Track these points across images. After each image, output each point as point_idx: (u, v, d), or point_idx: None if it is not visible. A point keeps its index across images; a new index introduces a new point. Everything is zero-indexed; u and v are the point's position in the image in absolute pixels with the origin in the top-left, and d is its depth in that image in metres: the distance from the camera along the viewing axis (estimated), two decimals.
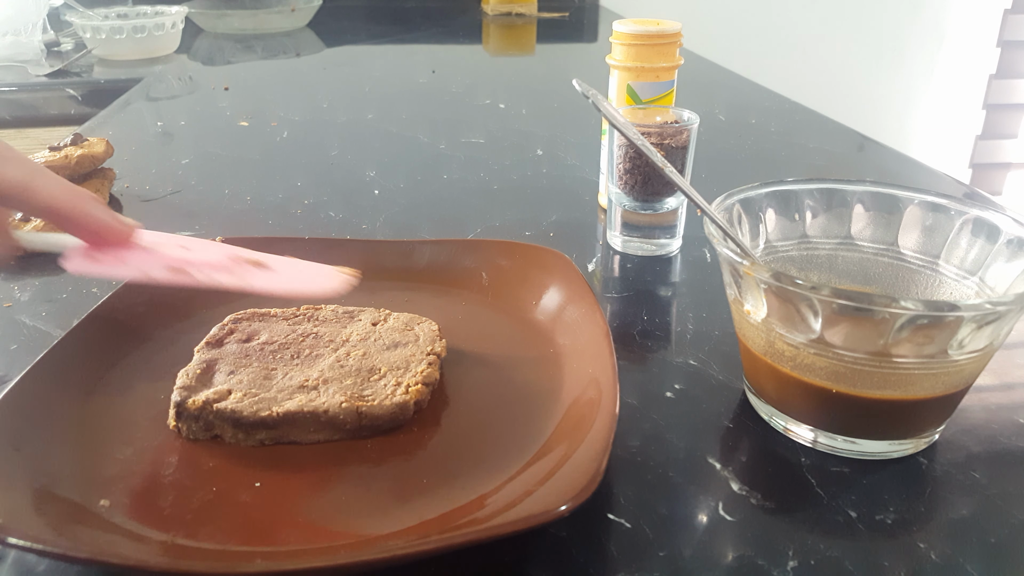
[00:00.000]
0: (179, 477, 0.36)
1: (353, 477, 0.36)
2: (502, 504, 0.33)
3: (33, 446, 0.36)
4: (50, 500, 0.33)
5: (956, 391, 0.37)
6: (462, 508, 0.34)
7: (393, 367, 0.42)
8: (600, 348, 0.41)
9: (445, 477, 0.36)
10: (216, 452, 0.38)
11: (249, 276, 0.40)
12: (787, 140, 0.91)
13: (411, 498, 0.35)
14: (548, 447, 0.37)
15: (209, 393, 0.39)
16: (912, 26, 1.09)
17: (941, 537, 0.34)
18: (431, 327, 0.46)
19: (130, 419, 0.40)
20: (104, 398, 0.41)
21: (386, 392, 0.40)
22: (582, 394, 0.40)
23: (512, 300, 0.50)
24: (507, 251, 0.53)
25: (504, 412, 0.41)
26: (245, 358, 0.42)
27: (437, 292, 0.52)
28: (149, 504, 0.34)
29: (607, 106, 0.48)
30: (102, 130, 0.95)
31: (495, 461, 0.37)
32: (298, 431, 0.38)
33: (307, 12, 1.66)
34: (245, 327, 0.45)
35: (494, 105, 1.06)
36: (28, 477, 0.34)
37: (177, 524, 0.33)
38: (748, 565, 0.32)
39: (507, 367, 0.44)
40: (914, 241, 0.44)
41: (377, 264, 0.54)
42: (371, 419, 0.39)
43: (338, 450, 0.38)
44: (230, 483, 0.36)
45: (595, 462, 0.32)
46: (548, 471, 0.35)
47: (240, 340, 0.44)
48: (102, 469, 0.36)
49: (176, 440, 0.39)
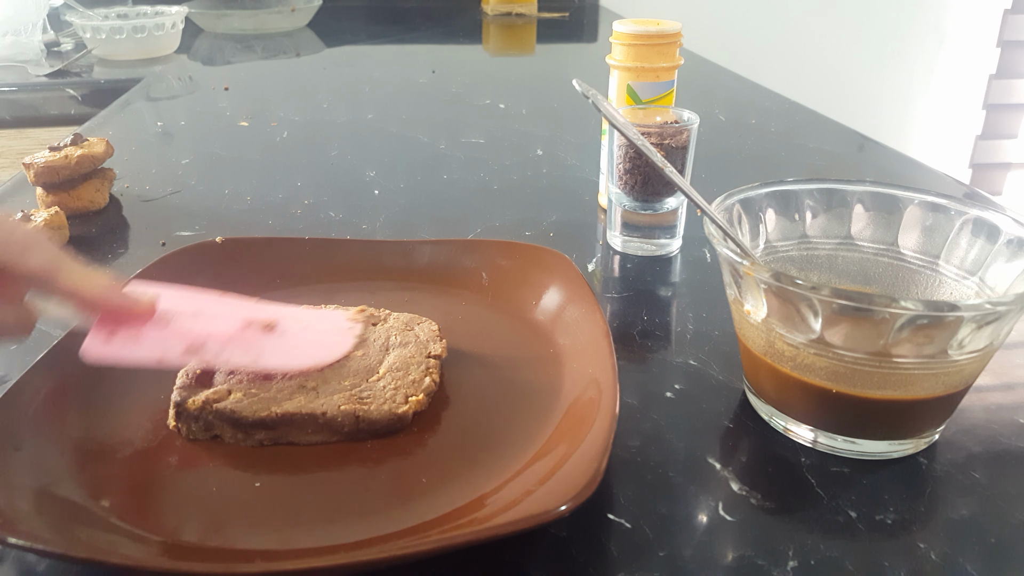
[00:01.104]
0: (179, 477, 0.36)
1: (353, 477, 0.36)
2: (502, 504, 0.33)
3: (33, 446, 0.36)
4: (50, 500, 0.33)
5: (956, 391, 0.37)
6: (462, 508, 0.34)
7: (392, 368, 0.42)
8: (600, 348, 0.41)
9: (445, 477, 0.36)
10: (216, 452, 0.38)
11: (262, 351, 0.41)
12: (787, 140, 0.91)
13: (411, 498, 0.35)
14: (548, 447, 0.37)
15: (209, 393, 0.39)
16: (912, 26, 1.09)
17: (941, 537, 0.34)
18: (431, 327, 0.46)
19: (130, 419, 0.40)
20: (104, 398, 0.41)
21: (384, 396, 0.40)
22: (582, 394, 0.40)
23: (512, 300, 0.50)
24: (507, 251, 0.53)
25: (504, 412, 0.41)
26: None
27: (437, 292, 0.52)
28: (149, 504, 0.34)
29: (607, 106, 0.48)
30: (102, 130, 0.95)
31: (495, 461, 0.37)
32: (296, 432, 0.38)
33: (307, 12, 1.65)
34: None
35: (494, 105, 1.06)
36: (28, 477, 0.34)
37: (177, 524, 0.33)
38: (748, 565, 0.32)
39: (507, 367, 0.44)
40: (914, 241, 0.44)
41: (377, 264, 0.54)
42: (368, 424, 0.39)
43: (338, 451, 0.38)
44: (230, 483, 0.36)
45: (595, 462, 0.32)
46: (548, 471, 0.35)
47: None
48: (102, 469, 0.36)
49: (176, 440, 0.39)
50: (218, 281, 0.50)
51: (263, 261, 0.53)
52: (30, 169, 0.67)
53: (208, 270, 0.51)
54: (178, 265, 0.51)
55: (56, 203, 0.66)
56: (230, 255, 0.53)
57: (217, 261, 0.52)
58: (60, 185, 0.67)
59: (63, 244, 0.62)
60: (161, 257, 0.51)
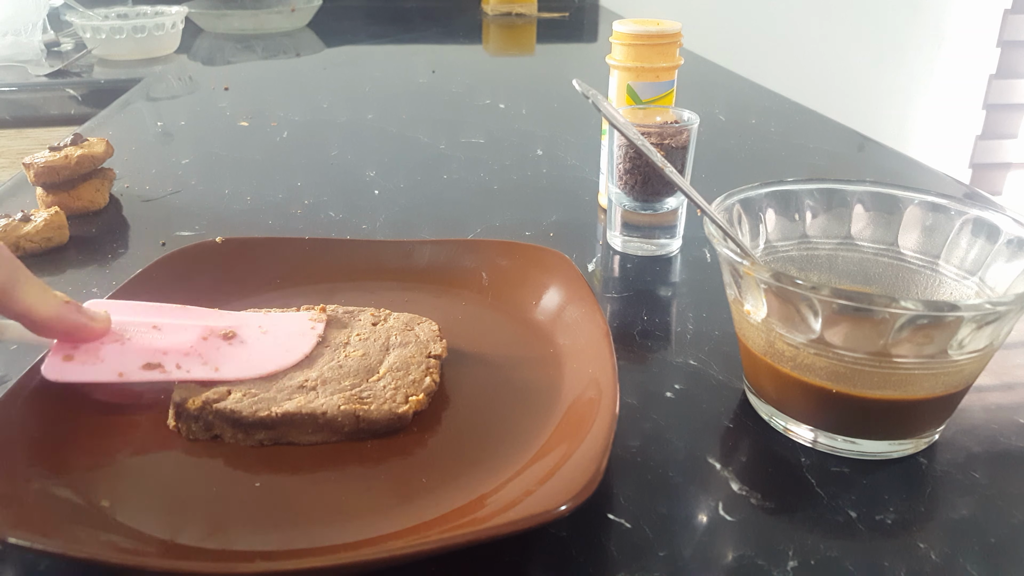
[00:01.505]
0: (179, 477, 0.36)
1: (353, 477, 0.36)
2: (502, 504, 0.33)
3: (33, 446, 0.36)
4: (50, 500, 0.33)
5: (956, 391, 0.37)
6: (462, 508, 0.34)
7: (392, 368, 0.42)
8: (600, 348, 0.41)
9: (445, 477, 0.36)
10: (216, 452, 0.38)
11: (222, 362, 0.41)
12: (787, 140, 0.91)
13: (411, 498, 0.35)
14: (548, 447, 0.37)
15: (209, 393, 0.39)
16: (912, 26, 1.09)
17: (941, 537, 0.34)
18: (431, 327, 0.46)
19: (130, 419, 0.40)
20: (103, 398, 0.41)
21: (384, 395, 0.40)
22: (582, 394, 0.40)
23: (512, 300, 0.50)
24: (507, 251, 0.53)
25: (504, 412, 0.41)
26: None
27: (437, 292, 0.52)
28: (150, 504, 0.34)
29: (607, 106, 0.48)
30: (102, 130, 0.95)
31: (495, 461, 0.37)
32: (296, 432, 0.38)
33: (307, 12, 1.65)
34: None
35: (494, 105, 1.06)
36: (29, 477, 0.34)
37: (177, 524, 0.33)
38: (748, 565, 0.32)
39: (507, 367, 0.44)
40: (914, 241, 0.44)
41: (377, 264, 0.54)
42: (369, 423, 0.39)
43: (338, 450, 0.38)
44: (230, 483, 0.36)
45: (595, 462, 0.32)
46: (548, 471, 0.35)
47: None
48: (102, 469, 0.36)
49: (176, 440, 0.39)
50: (218, 281, 0.51)
51: (263, 261, 0.53)
52: (30, 169, 0.67)
53: (208, 270, 0.51)
54: (178, 265, 0.51)
55: (56, 203, 0.66)
56: (230, 255, 0.53)
57: (217, 261, 0.52)
58: (60, 185, 0.67)
59: (63, 243, 0.62)
60: (161, 257, 0.51)
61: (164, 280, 0.49)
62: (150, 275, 0.49)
